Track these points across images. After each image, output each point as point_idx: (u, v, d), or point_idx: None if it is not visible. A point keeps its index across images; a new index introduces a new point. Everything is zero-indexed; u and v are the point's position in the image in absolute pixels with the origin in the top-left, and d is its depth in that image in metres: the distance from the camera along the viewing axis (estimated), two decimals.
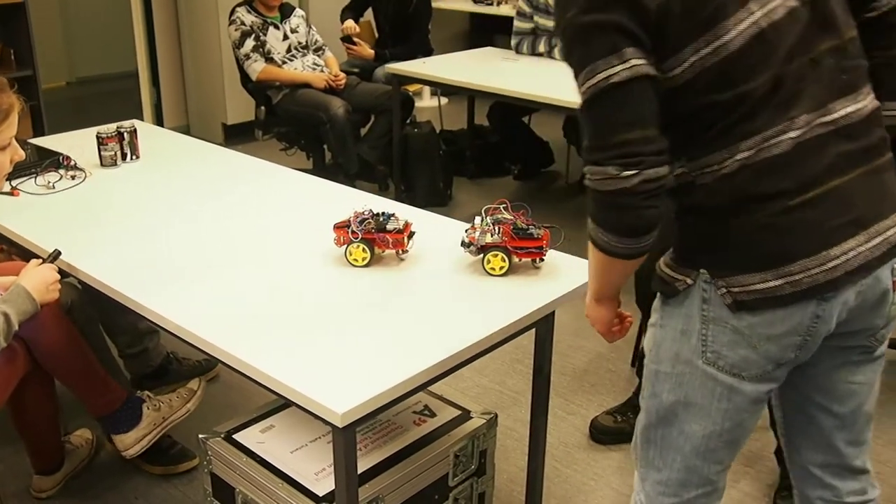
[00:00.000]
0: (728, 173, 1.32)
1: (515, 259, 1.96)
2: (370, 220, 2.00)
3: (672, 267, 1.43)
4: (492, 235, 1.95)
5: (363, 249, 1.98)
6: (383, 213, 2.03)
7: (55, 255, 2.04)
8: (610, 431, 2.74)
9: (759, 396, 1.44)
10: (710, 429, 1.47)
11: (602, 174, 1.29)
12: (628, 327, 1.66)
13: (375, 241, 1.99)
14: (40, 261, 2.03)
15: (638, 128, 1.28)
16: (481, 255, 1.96)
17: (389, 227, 1.99)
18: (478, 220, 1.99)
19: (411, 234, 2.04)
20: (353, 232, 1.98)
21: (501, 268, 1.95)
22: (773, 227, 1.31)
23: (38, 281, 1.98)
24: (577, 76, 1.33)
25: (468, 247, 1.96)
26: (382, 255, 2.04)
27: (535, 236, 1.94)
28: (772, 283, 1.32)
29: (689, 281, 1.40)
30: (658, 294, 1.49)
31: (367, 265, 1.99)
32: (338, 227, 2.01)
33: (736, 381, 1.41)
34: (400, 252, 2.03)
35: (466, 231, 1.99)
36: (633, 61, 1.27)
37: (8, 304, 1.92)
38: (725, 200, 1.34)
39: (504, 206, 2.01)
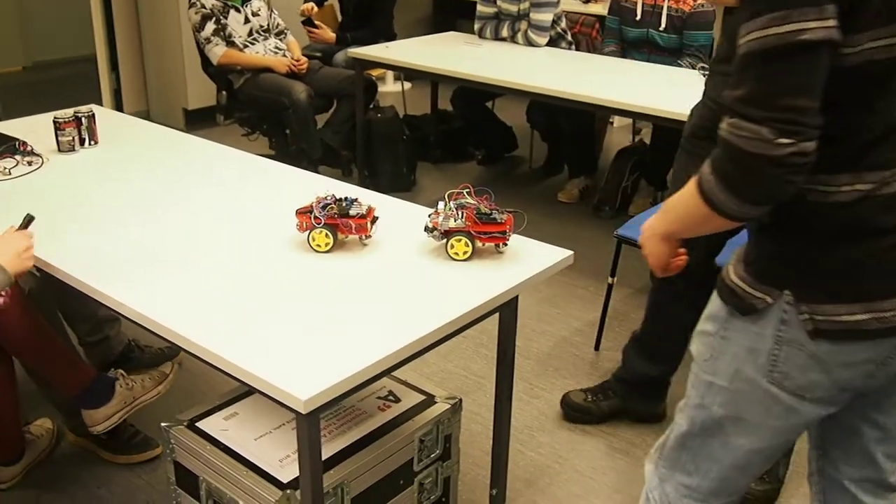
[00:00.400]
0: (844, 201, 1.24)
1: (479, 244, 1.97)
2: (333, 206, 1.99)
3: (750, 282, 1.35)
4: (455, 220, 1.95)
5: (326, 235, 1.97)
6: (346, 199, 2.02)
7: (28, 221, 1.98)
8: (577, 408, 2.75)
9: (815, 418, 1.41)
10: (756, 445, 1.43)
11: (752, 133, 1.15)
12: (681, 264, 1.57)
13: (338, 226, 1.98)
14: (14, 227, 1.99)
15: (808, 96, 1.15)
16: (445, 240, 1.96)
17: (352, 212, 1.99)
18: (441, 205, 1.99)
19: (374, 220, 2.03)
20: (315, 217, 1.97)
21: (465, 252, 1.95)
22: (878, 261, 1.26)
23: (9, 251, 1.93)
24: (755, 14, 1.16)
25: (431, 232, 1.96)
26: (346, 241, 2.03)
27: (499, 221, 1.95)
28: (859, 317, 1.27)
29: (769, 300, 1.32)
30: (722, 303, 1.41)
31: (329, 251, 1.98)
32: (300, 212, 2.00)
33: (797, 402, 1.36)
34: (363, 237, 2.02)
35: (430, 216, 1.99)
36: (832, 22, 1.13)
37: None
38: (832, 226, 1.26)
39: (467, 190, 2.01)
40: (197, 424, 2.07)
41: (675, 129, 4.16)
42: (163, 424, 2.08)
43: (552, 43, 4.57)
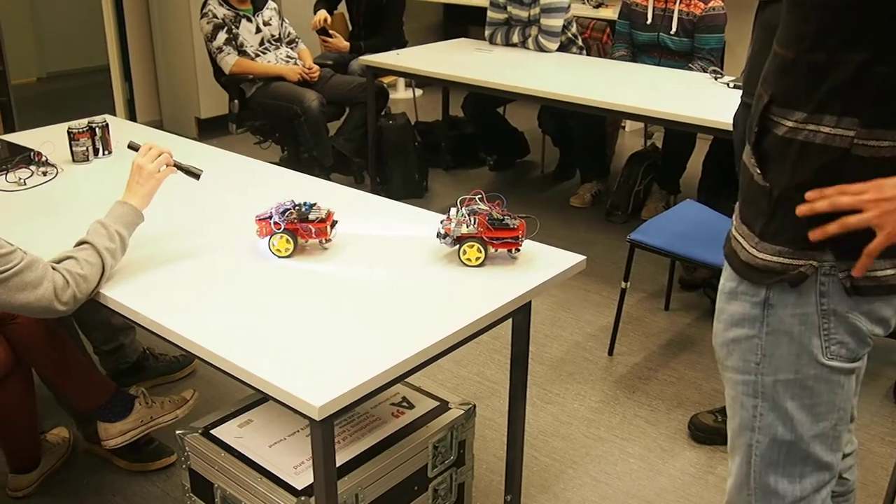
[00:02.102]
0: (887, 156, 1.23)
1: (492, 250, 1.97)
2: (292, 211, 2.01)
3: (788, 254, 1.33)
4: (467, 226, 1.95)
5: (286, 240, 2.00)
6: (305, 204, 2.05)
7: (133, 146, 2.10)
8: (707, 430, 2.70)
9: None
10: (836, 417, 1.42)
11: None
12: None
13: (298, 230, 2.00)
14: (149, 152, 2.06)
15: None
16: (457, 247, 1.96)
17: (311, 216, 2.01)
18: (453, 211, 1.99)
19: (334, 223, 2.05)
20: (275, 223, 1.99)
21: (478, 258, 1.95)
22: None
23: (142, 192, 2.00)
24: None
25: (444, 238, 1.97)
26: (306, 245, 2.05)
27: (511, 226, 1.95)
28: (889, 272, 1.30)
29: (815, 264, 1.31)
30: (751, 304, 1.40)
31: (290, 256, 2.01)
32: (260, 218, 2.02)
33: (858, 364, 1.40)
34: (323, 241, 2.04)
35: (442, 222, 1.99)
36: None
37: (120, 223, 1.92)
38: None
39: (479, 196, 2.01)
40: (211, 432, 2.07)
41: (686, 133, 4.18)
42: (178, 432, 2.09)
43: (563, 48, 4.57)
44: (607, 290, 3.68)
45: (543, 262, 1.99)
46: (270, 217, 2.00)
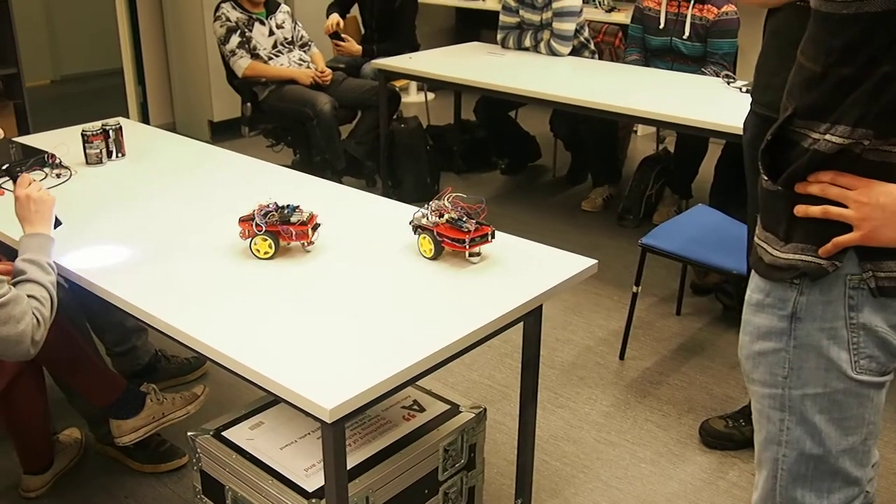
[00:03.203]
0: None
1: (446, 248, 1.99)
2: (274, 213, 2.02)
3: (811, 251, 1.32)
4: (428, 219, 1.98)
5: (268, 243, 2.01)
6: (288, 206, 2.06)
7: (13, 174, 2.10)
8: (718, 435, 2.69)
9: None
10: (865, 432, 1.41)
11: None
12: None
13: (279, 233, 2.01)
14: (29, 186, 2.04)
15: None
16: (416, 236, 2.01)
17: (293, 219, 2.02)
18: (435, 202, 2.02)
19: (316, 226, 2.06)
20: (257, 225, 2.00)
21: (429, 251, 2.00)
22: None
23: (42, 217, 2.00)
24: None
25: (410, 223, 2.02)
26: (289, 247, 2.06)
27: (464, 229, 1.96)
28: None
29: (837, 263, 1.30)
30: (773, 316, 1.39)
31: (272, 258, 2.02)
32: (243, 220, 2.04)
33: (888, 377, 1.38)
34: (304, 244, 2.06)
35: (417, 211, 2.04)
36: None
37: (44, 254, 1.93)
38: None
39: (448, 196, 2.03)
40: (223, 434, 2.08)
41: (698, 138, 4.17)
42: (189, 434, 2.09)
43: (575, 52, 4.57)
44: (618, 294, 3.68)
45: (555, 265, 1.99)
46: (253, 219, 2.01)
